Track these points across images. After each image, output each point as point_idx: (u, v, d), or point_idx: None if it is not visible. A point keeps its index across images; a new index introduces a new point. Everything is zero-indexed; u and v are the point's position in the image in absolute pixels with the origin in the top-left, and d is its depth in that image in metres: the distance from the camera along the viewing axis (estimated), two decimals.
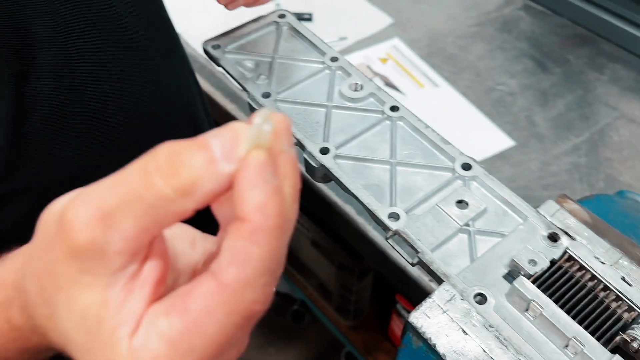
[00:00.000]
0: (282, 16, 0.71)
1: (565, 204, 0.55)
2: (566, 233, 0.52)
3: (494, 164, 0.98)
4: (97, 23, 0.55)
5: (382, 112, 0.62)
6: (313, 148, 0.58)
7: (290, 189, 0.27)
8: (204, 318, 0.26)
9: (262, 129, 0.26)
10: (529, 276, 0.49)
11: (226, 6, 0.63)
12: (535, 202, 0.56)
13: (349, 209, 0.63)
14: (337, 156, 0.58)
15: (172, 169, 0.24)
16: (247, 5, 0.64)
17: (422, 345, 0.48)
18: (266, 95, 0.63)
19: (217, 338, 0.26)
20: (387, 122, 0.62)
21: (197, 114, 0.74)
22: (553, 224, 0.53)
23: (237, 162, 0.25)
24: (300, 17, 1.16)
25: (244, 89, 0.64)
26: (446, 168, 0.58)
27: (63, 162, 0.55)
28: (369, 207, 0.54)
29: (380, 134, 0.61)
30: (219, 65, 0.66)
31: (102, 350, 0.26)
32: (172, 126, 0.69)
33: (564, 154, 0.99)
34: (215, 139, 0.25)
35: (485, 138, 1.03)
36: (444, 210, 0.55)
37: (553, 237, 0.52)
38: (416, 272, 0.61)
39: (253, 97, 0.63)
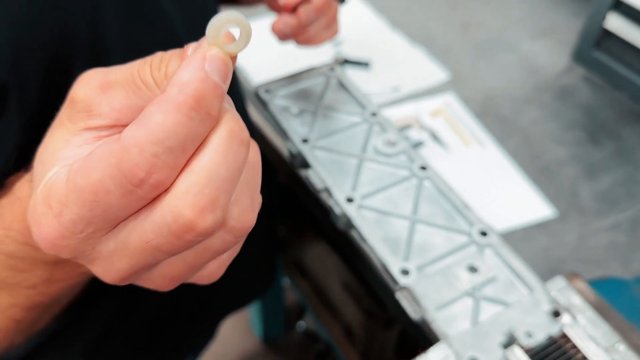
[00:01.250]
0: (332, 69, 0.76)
1: (573, 282, 0.56)
2: (568, 311, 0.53)
3: (531, 232, 0.99)
4: (157, 35, 0.60)
5: (411, 170, 0.65)
6: (339, 196, 0.62)
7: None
8: (94, 162, 0.28)
9: (218, 30, 0.28)
10: (523, 348, 0.50)
11: (278, 38, 0.67)
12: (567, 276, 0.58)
13: (375, 257, 0.66)
14: (361, 206, 0.62)
15: (158, 66, 0.30)
16: (299, 43, 0.68)
17: None
18: (304, 140, 0.68)
19: (94, 184, 0.27)
20: (415, 179, 0.65)
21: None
22: (557, 300, 0.55)
23: None
24: (358, 63, 1.21)
25: (286, 133, 0.69)
26: (463, 232, 0.60)
27: None
28: (383, 260, 0.58)
29: (406, 190, 0.64)
30: (266, 108, 0.71)
31: (41, 177, 0.30)
32: None
33: (604, 230, 0.99)
34: (192, 45, 0.30)
35: (525, 205, 1.04)
36: (454, 273, 0.57)
37: (554, 313, 0.53)
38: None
39: (292, 141, 0.67)
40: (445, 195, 0.63)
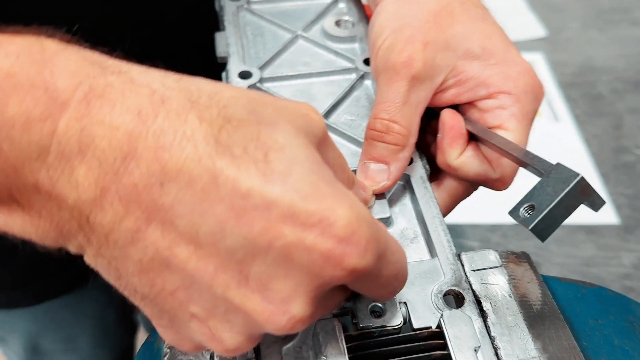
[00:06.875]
0: None
1: (511, 264, 0.34)
2: (478, 301, 0.32)
3: (576, 234, 0.73)
4: None
5: (354, 62, 0.45)
6: (234, 68, 0.44)
7: None
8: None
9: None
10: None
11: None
12: None
13: None
14: (256, 88, 0.43)
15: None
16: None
17: None
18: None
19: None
20: (353, 75, 0.45)
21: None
22: (469, 280, 0.33)
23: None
24: None
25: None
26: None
27: None
28: None
29: (334, 85, 0.44)
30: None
31: None
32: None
33: None
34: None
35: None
36: None
37: (456, 296, 0.32)
38: None
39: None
40: None
